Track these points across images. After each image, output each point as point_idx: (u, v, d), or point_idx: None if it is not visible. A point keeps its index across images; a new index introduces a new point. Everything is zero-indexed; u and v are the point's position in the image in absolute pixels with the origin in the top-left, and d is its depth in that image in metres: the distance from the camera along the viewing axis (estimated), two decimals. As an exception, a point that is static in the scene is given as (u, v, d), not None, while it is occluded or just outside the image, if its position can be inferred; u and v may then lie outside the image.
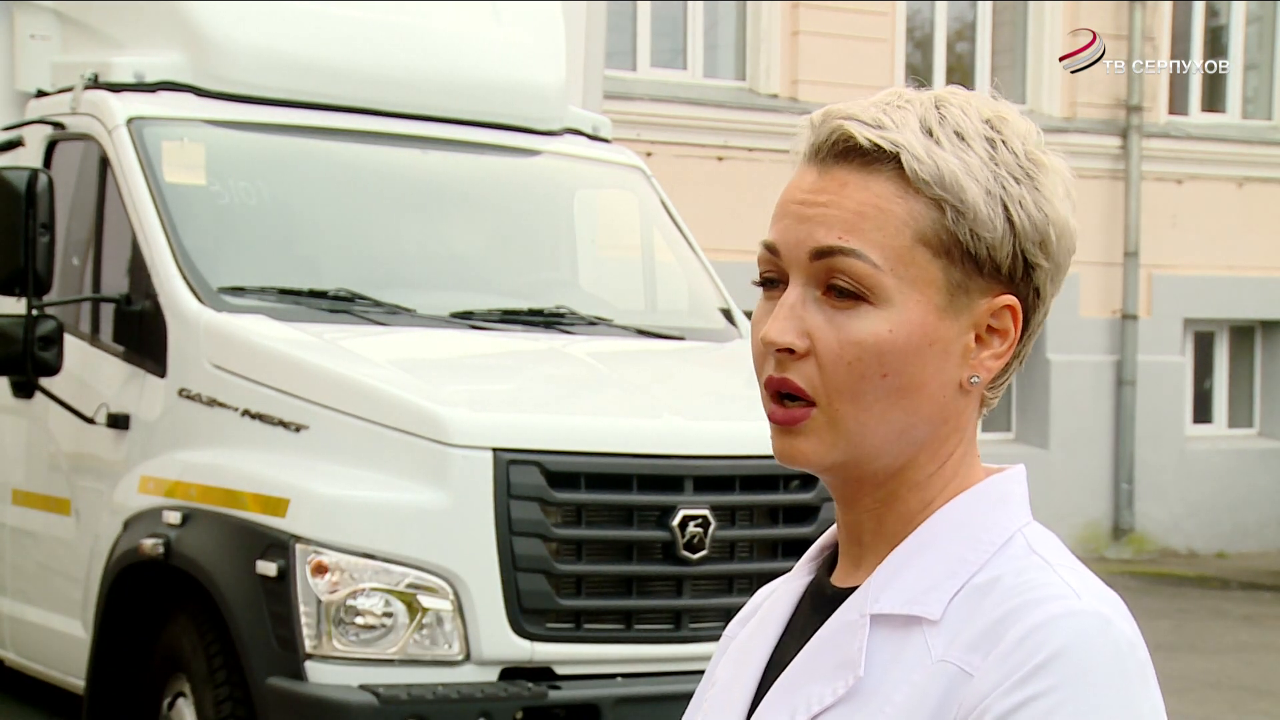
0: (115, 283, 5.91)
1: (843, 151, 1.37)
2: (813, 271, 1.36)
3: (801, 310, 1.36)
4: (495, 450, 4.90)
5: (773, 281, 1.40)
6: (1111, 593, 1.35)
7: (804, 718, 1.37)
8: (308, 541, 4.81)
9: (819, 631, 1.40)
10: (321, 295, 5.74)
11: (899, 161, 1.35)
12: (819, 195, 1.37)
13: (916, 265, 1.35)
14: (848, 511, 1.43)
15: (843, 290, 1.35)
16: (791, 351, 1.36)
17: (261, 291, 5.67)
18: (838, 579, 1.45)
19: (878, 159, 1.35)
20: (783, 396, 1.38)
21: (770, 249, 1.39)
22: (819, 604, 1.44)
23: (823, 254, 1.35)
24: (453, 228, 6.53)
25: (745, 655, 1.49)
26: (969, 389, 1.39)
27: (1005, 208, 1.36)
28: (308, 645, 4.78)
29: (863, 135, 1.35)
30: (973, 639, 1.31)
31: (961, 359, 1.38)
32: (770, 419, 1.40)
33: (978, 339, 1.39)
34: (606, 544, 5.05)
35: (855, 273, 1.35)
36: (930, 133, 1.36)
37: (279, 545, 4.85)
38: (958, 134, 1.37)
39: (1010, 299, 1.38)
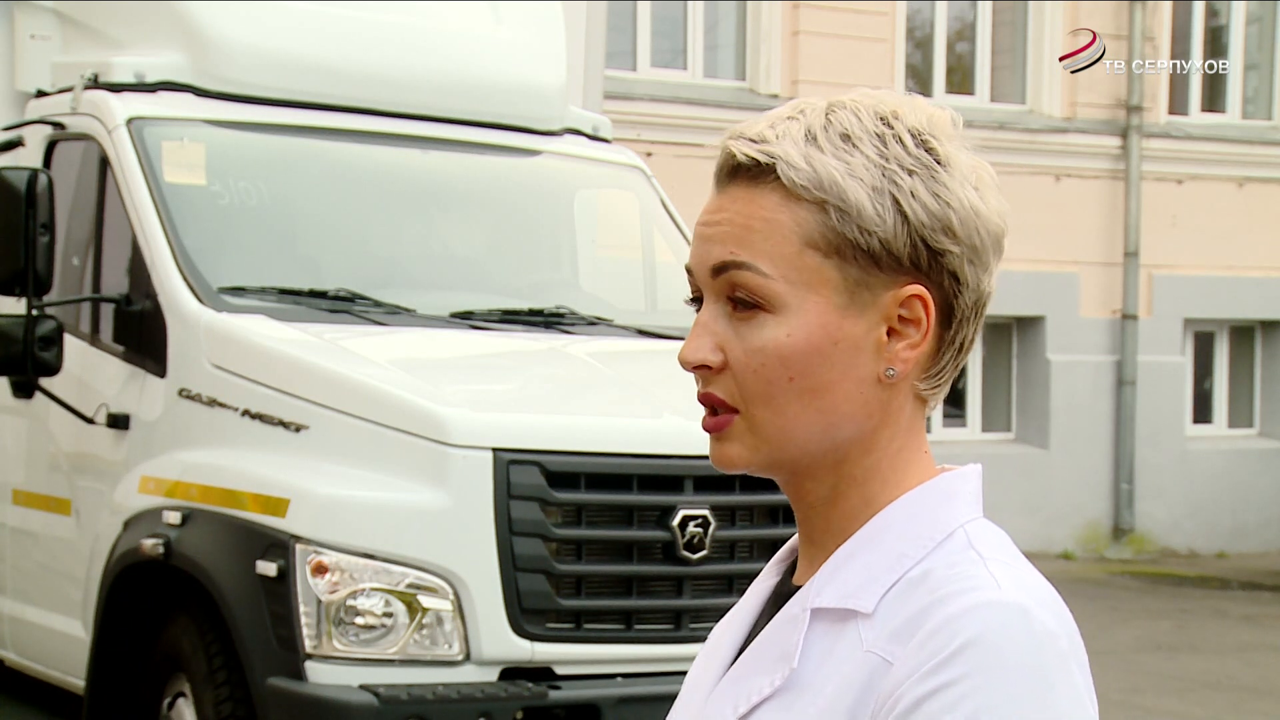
0: (115, 283, 5.91)
1: (732, 171, 1.42)
2: (717, 288, 1.42)
3: (714, 326, 1.42)
4: (495, 450, 4.90)
5: (700, 302, 1.46)
6: (1043, 586, 1.36)
7: (744, 708, 1.41)
8: (308, 541, 4.81)
9: (766, 627, 1.44)
10: (322, 295, 5.73)
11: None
12: (715, 215, 1.43)
13: (808, 269, 1.39)
14: (798, 509, 1.47)
15: (742, 301, 1.40)
16: (709, 368, 1.42)
17: (262, 291, 5.67)
18: (797, 578, 1.49)
19: (761, 173, 1.40)
20: (712, 408, 1.43)
21: (688, 271, 1.46)
22: (778, 602, 1.48)
23: (720, 270, 1.41)
24: (453, 228, 6.53)
25: (713, 653, 1.53)
26: (886, 382, 1.41)
27: (895, 201, 1.39)
28: (308, 645, 4.78)
29: (742, 152, 1.41)
30: (895, 629, 1.34)
31: (875, 353, 1.41)
32: (703, 428, 1.45)
33: (891, 332, 1.41)
34: (607, 544, 5.05)
35: (749, 284, 1.40)
36: (814, 139, 1.40)
37: (279, 545, 4.85)
38: (844, 136, 1.40)
39: (916, 288, 1.40)
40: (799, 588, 1.45)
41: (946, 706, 1.27)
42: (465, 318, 5.84)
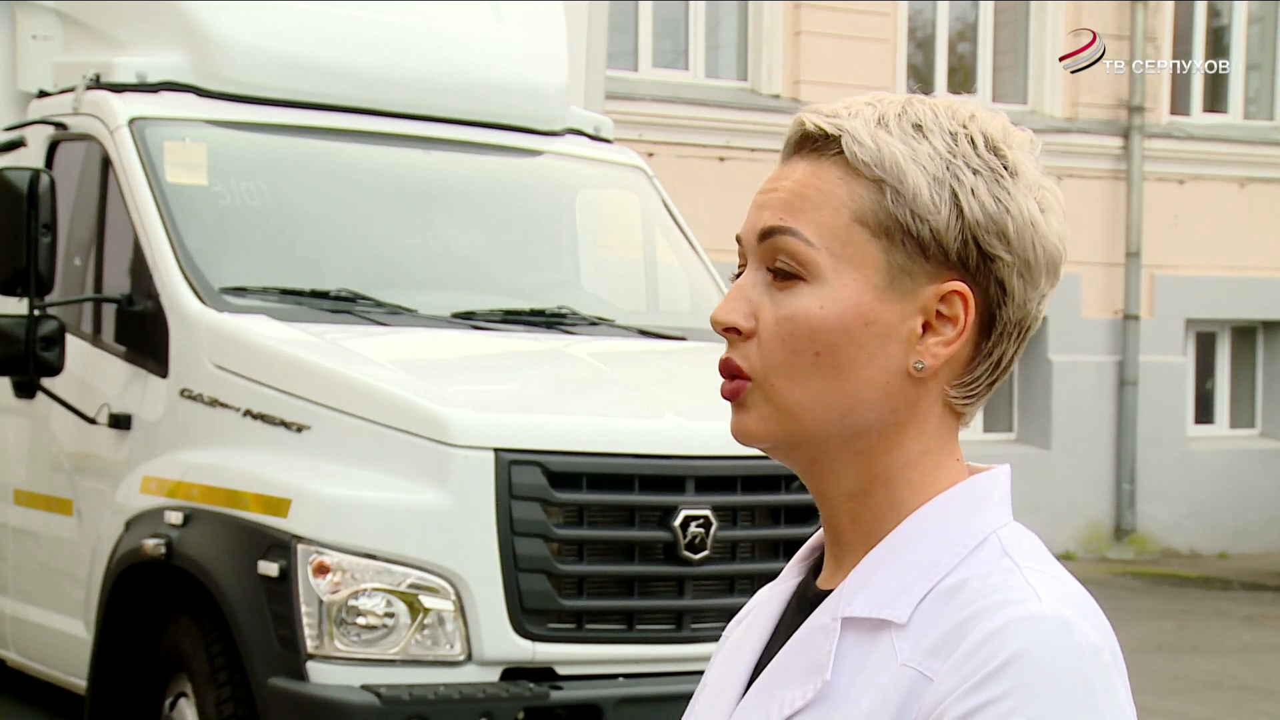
0: (117, 283, 5.91)
1: (800, 141, 1.42)
2: (761, 254, 1.41)
3: (751, 292, 1.41)
4: (497, 450, 4.90)
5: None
6: (1082, 596, 1.34)
7: None
8: (309, 542, 4.81)
9: (795, 634, 1.41)
10: (323, 295, 5.74)
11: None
12: (774, 183, 1.43)
13: (853, 245, 1.38)
14: (822, 505, 1.44)
15: (783, 271, 1.39)
16: (739, 332, 1.40)
17: (263, 292, 5.67)
18: (822, 580, 1.46)
19: (827, 146, 1.40)
20: (730, 375, 1.42)
21: (737, 239, 1.45)
22: (803, 606, 1.45)
23: (766, 235, 1.40)
24: (454, 228, 6.53)
25: (735, 657, 1.50)
26: (915, 375, 1.39)
27: (954, 194, 1.37)
28: (309, 645, 4.78)
29: (811, 122, 1.40)
30: (933, 644, 1.30)
31: (907, 344, 1.38)
32: (721, 394, 1.43)
33: (926, 325, 1.39)
34: (608, 544, 5.05)
35: (791, 251, 1.38)
36: (885, 124, 1.39)
37: (281, 545, 4.85)
38: (916, 126, 1.39)
39: (959, 285, 1.38)
40: (824, 591, 1.42)
41: None
42: (467, 318, 5.85)
